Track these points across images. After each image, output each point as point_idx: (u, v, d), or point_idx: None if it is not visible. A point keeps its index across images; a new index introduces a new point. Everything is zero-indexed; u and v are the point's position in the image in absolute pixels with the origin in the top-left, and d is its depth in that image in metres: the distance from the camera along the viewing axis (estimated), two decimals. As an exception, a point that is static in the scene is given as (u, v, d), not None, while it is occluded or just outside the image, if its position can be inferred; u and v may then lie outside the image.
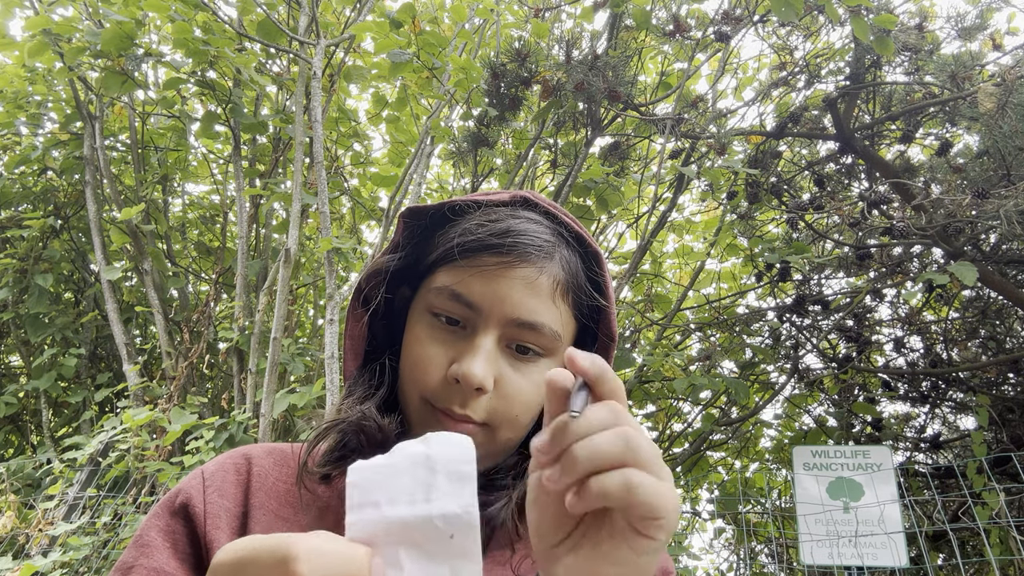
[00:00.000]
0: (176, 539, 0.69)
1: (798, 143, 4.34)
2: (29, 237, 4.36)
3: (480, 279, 0.74)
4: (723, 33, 3.34)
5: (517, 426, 0.76)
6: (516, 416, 0.75)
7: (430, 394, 0.74)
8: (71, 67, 3.73)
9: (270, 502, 0.73)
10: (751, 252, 4.19)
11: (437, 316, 0.76)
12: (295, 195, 3.29)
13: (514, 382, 0.74)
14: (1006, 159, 2.92)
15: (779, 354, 4.23)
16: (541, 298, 0.74)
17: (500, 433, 0.75)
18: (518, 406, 0.75)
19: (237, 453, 0.78)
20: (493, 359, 0.73)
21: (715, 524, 4.53)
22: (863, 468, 2.97)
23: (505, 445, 0.77)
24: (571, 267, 0.79)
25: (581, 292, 0.79)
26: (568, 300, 0.78)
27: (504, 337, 0.74)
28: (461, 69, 3.42)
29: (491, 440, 0.75)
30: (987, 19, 3.51)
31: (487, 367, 0.72)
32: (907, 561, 2.69)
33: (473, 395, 0.72)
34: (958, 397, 4.10)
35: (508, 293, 0.73)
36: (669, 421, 4.80)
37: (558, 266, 0.77)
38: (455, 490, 0.41)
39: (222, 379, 4.23)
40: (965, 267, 2.72)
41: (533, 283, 0.74)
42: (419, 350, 0.76)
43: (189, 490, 0.72)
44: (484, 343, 0.73)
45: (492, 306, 0.73)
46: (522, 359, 0.75)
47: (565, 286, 0.77)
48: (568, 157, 4.00)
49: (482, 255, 0.75)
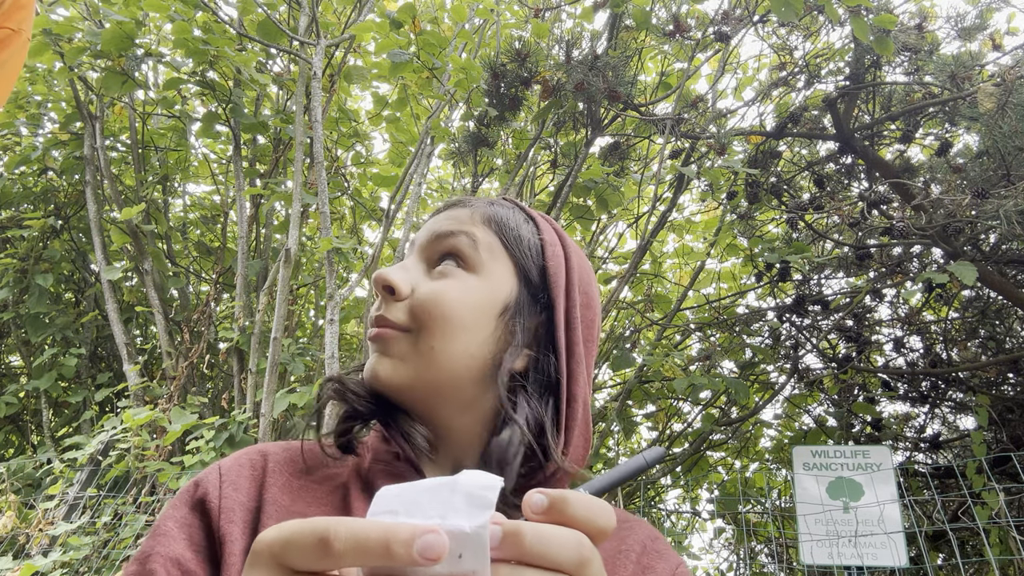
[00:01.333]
0: (192, 532, 0.69)
1: (798, 143, 4.34)
2: (29, 237, 4.37)
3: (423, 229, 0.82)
4: (723, 33, 3.34)
5: (442, 331, 0.73)
6: (433, 317, 0.73)
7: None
8: (71, 67, 3.73)
9: (283, 497, 0.73)
10: (751, 252, 4.19)
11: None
12: (295, 195, 3.29)
13: (429, 284, 0.76)
14: (1006, 159, 2.92)
15: (779, 354, 4.23)
16: (459, 220, 0.79)
17: (423, 338, 0.73)
18: (436, 307, 0.73)
19: (254, 449, 0.79)
20: (410, 268, 0.78)
21: (715, 524, 4.54)
22: (863, 468, 2.97)
23: (432, 357, 0.73)
24: (501, 211, 0.81)
25: (508, 229, 0.79)
26: (491, 227, 0.79)
27: (427, 258, 0.79)
28: (461, 69, 3.42)
29: (415, 348, 0.74)
30: (987, 19, 3.51)
31: (400, 272, 0.76)
32: (907, 561, 2.69)
33: (388, 299, 0.76)
34: (958, 397, 4.10)
35: (434, 223, 0.80)
36: (669, 421, 4.80)
37: (487, 206, 0.81)
38: (470, 511, 0.41)
39: (222, 379, 4.24)
40: (965, 267, 2.73)
41: (455, 214, 0.80)
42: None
43: (206, 484, 0.73)
44: (406, 262, 0.79)
45: (420, 235, 0.81)
46: (439, 270, 0.77)
47: (489, 217, 0.79)
48: (568, 157, 4.00)
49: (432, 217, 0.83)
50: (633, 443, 5.35)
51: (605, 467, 4.57)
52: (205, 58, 3.46)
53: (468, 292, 0.76)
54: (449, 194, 5.21)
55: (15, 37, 1.22)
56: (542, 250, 0.81)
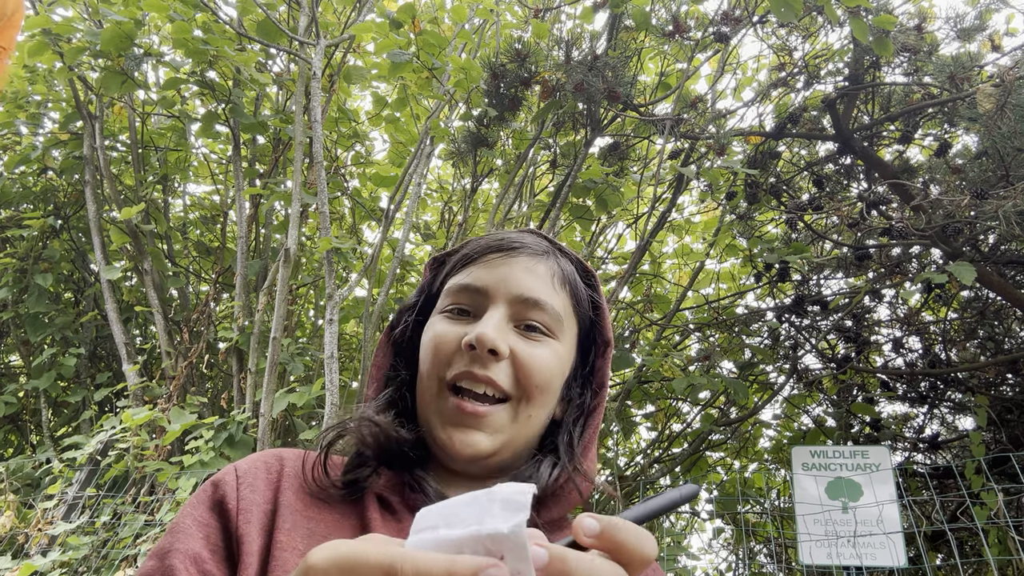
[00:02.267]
0: (209, 532, 0.71)
1: (797, 144, 4.35)
2: (29, 237, 4.37)
3: (484, 269, 0.81)
4: (722, 34, 3.34)
5: (542, 401, 0.79)
6: (538, 386, 0.77)
7: (443, 369, 0.77)
8: (71, 67, 3.73)
9: (297, 502, 0.75)
10: (750, 252, 4.19)
11: (447, 311, 0.82)
12: (295, 195, 3.29)
13: (530, 350, 0.78)
14: (1005, 160, 2.92)
15: (778, 354, 4.24)
16: (541, 280, 0.81)
17: (524, 408, 0.78)
18: (537, 375, 0.77)
19: (271, 453, 0.81)
20: (503, 329, 0.77)
21: (714, 524, 4.54)
22: (862, 468, 2.97)
23: (527, 426, 0.79)
24: (567, 266, 0.86)
25: (578, 286, 0.86)
26: (567, 290, 0.83)
27: (511, 316, 0.79)
28: (461, 69, 3.42)
29: (515, 417, 0.77)
30: (986, 20, 3.51)
31: (498, 331, 0.76)
32: (905, 561, 2.69)
33: (489, 359, 0.75)
34: (957, 397, 4.10)
35: (510, 274, 0.80)
36: (668, 421, 4.80)
37: (554, 261, 0.84)
38: (506, 514, 0.43)
39: (222, 379, 4.24)
40: (964, 267, 2.73)
41: (533, 268, 0.81)
42: (430, 335, 0.81)
43: (224, 486, 0.75)
44: (493, 315, 0.77)
45: (497, 286, 0.80)
46: (530, 336, 0.79)
47: (563, 277, 0.84)
48: (568, 157, 4.00)
49: (485, 254, 0.83)
50: (632, 443, 5.35)
51: (604, 468, 4.58)
52: (205, 58, 3.46)
53: (558, 362, 0.81)
54: (448, 194, 5.21)
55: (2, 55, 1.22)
56: (593, 302, 0.88)
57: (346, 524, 0.75)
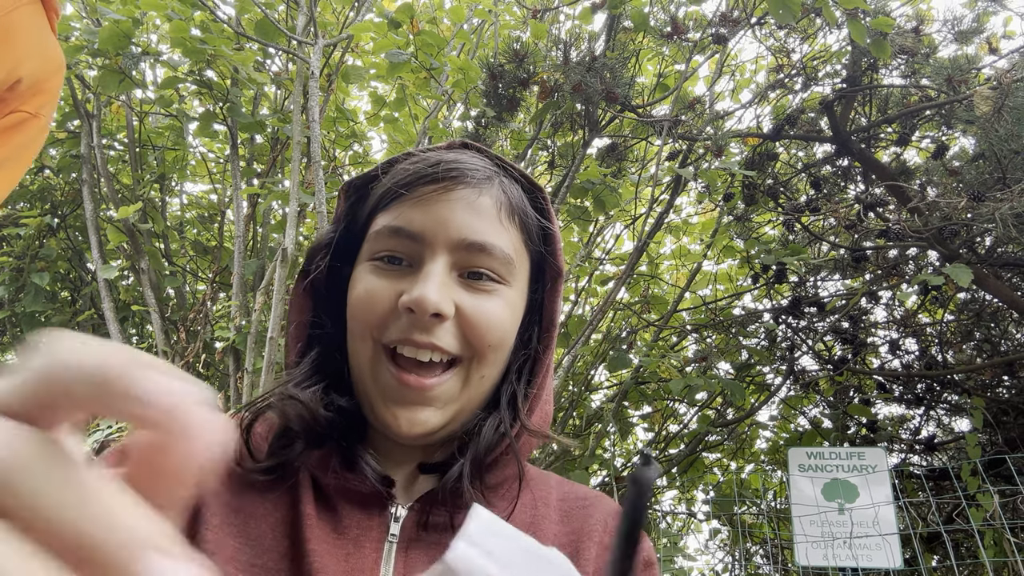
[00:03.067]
0: None
1: (795, 145, 4.35)
2: (26, 235, 4.36)
3: (418, 208, 0.69)
4: (720, 35, 3.34)
5: (495, 359, 0.71)
6: (490, 345, 0.69)
7: (379, 331, 0.68)
8: (68, 65, 3.72)
9: (224, 491, 0.68)
10: (748, 254, 4.20)
11: (378, 258, 0.70)
12: (292, 195, 3.29)
13: (478, 305, 0.68)
14: (1001, 162, 2.93)
15: (775, 356, 4.24)
16: (486, 218, 0.70)
17: (475, 370, 0.69)
18: (489, 333, 0.68)
19: None
20: (446, 284, 0.67)
21: (710, 525, 4.54)
22: (858, 470, 2.98)
23: (479, 388, 0.71)
24: (514, 192, 0.74)
25: (528, 216, 0.75)
26: (516, 223, 0.73)
27: (454, 265, 0.69)
28: (459, 70, 3.42)
29: (467, 382, 0.69)
30: (983, 23, 3.52)
31: (440, 290, 0.65)
32: (901, 563, 2.70)
33: (432, 322, 0.65)
34: (953, 399, 4.11)
35: (450, 215, 0.68)
36: (665, 422, 4.81)
37: (499, 189, 0.72)
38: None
39: (218, 378, 4.23)
40: (960, 269, 2.74)
41: (474, 203, 0.69)
42: (360, 289, 0.70)
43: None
44: (433, 269, 0.67)
45: (435, 231, 0.68)
46: (477, 285, 0.69)
47: (510, 207, 0.72)
48: (566, 158, 4.01)
49: (416, 186, 0.70)
50: (629, 444, 5.35)
51: (601, 468, 4.58)
52: (203, 57, 3.45)
53: (511, 313, 0.72)
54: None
55: (31, 122, 1.09)
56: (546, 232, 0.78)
57: (279, 519, 0.67)
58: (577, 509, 0.78)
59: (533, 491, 0.77)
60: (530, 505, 0.76)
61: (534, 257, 0.76)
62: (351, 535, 0.67)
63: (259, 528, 0.67)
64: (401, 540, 0.68)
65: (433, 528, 0.70)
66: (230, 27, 3.58)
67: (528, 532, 0.71)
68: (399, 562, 0.67)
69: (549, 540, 0.73)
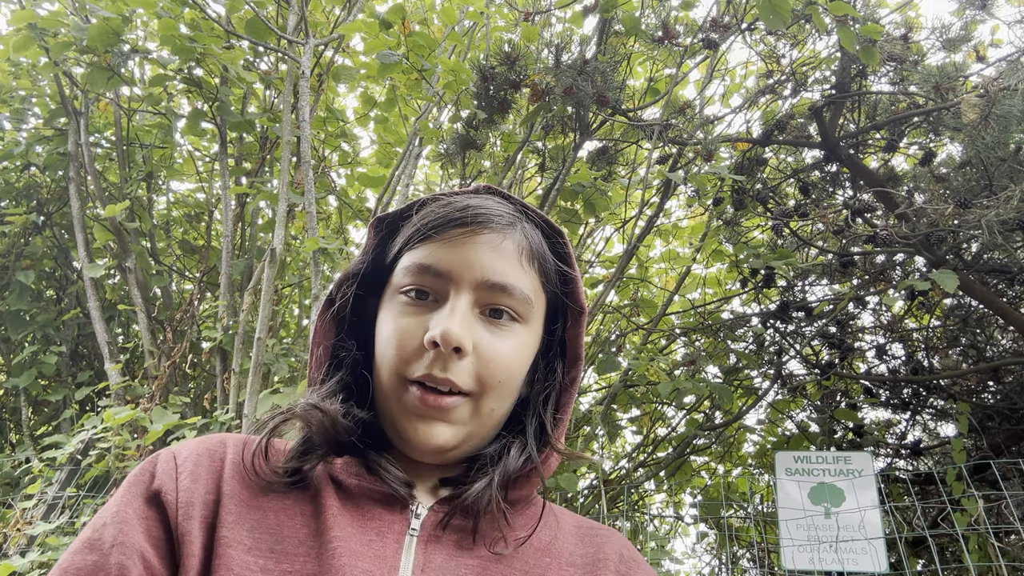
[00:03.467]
0: (149, 525, 0.66)
1: (784, 150, 4.37)
2: (11, 233, 4.32)
3: (445, 248, 0.75)
4: (711, 40, 3.35)
5: (502, 394, 0.75)
6: (500, 382, 0.74)
7: (405, 367, 0.73)
8: (56, 62, 3.69)
9: (243, 491, 0.70)
10: (736, 258, 4.21)
11: (406, 294, 0.76)
12: (281, 194, 3.27)
13: (493, 345, 0.74)
14: (988, 169, 2.95)
15: (763, 359, 4.26)
16: (508, 261, 0.75)
17: (485, 402, 0.74)
18: (501, 371, 0.74)
19: (215, 439, 0.75)
20: (469, 321, 0.72)
21: (698, 528, 4.55)
22: (844, 474, 2.99)
23: (490, 419, 0.76)
24: (534, 237, 0.80)
25: (547, 260, 0.80)
26: (535, 267, 0.78)
27: (476, 302, 0.74)
28: (450, 71, 3.42)
29: (476, 411, 0.74)
30: (971, 31, 3.55)
31: (463, 326, 0.71)
32: (887, 567, 2.71)
33: (452, 357, 0.71)
34: (939, 404, 4.14)
35: (475, 257, 0.74)
36: (653, 425, 4.81)
37: (521, 235, 0.78)
38: None
39: (205, 379, 4.20)
40: (947, 275, 2.75)
41: (498, 247, 0.75)
42: (391, 327, 0.75)
43: (162, 476, 0.69)
44: (458, 305, 0.73)
45: (461, 271, 0.74)
46: (497, 324, 0.75)
47: (530, 252, 0.78)
48: (556, 161, 4.01)
49: (445, 228, 0.76)
50: (617, 447, 5.35)
51: (589, 471, 4.58)
52: (192, 55, 3.43)
53: (523, 352, 0.77)
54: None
55: None
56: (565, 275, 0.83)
57: (297, 511, 0.70)
58: (592, 536, 0.84)
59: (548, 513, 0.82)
60: (552, 525, 0.81)
61: (550, 297, 0.82)
62: (373, 526, 0.70)
63: (278, 519, 0.69)
64: (421, 535, 0.72)
65: (454, 529, 0.73)
66: (220, 25, 3.56)
67: (547, 549, 0.75)
68: (419, 554, 0.70)
69: (565, 559, 0.78)
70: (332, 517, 0.69)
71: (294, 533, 0.68)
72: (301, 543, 0.67)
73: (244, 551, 0.64)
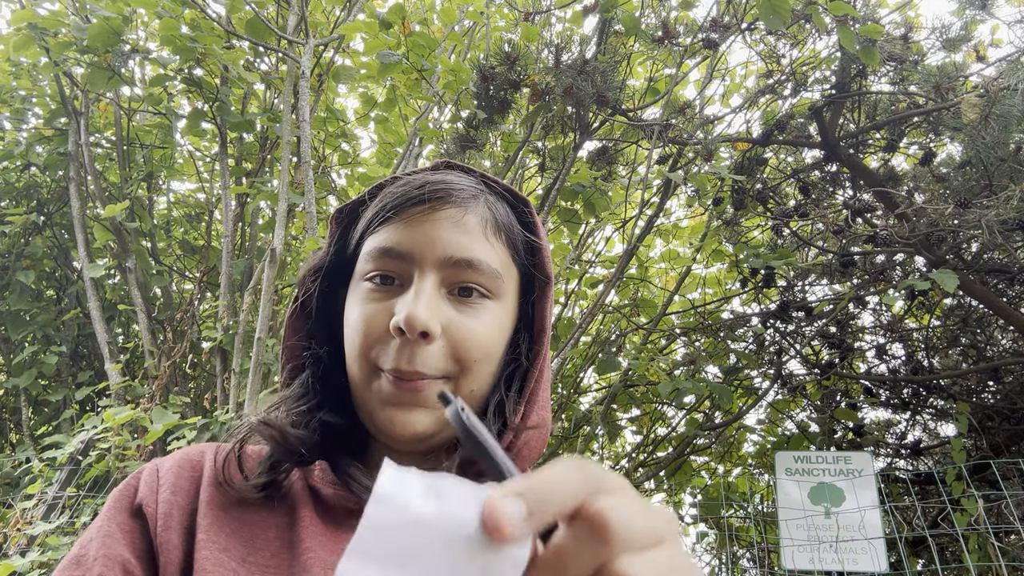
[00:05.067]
0: (133, 537, 0.68)
1: (784, 150, 4.37)
2: (11, 233, 4.32)
3: (406, 228, 0.72)
4: (711, 40, 3.36)
5: (480, 375, 0.72)
6: (476, 361, 0.71)
7: (374, 355, 0.70)
8: (57, 62, 3.69)
9: (219, 496, 0.71)
10: (736, 258, 4.21)
11: (370, 279, 0.73)
12: (281, 194, 3.27)
13: (465, 323, 0.70)
14: (988, 169, 2.95)
15: (763, 359, 4.26)
16: (472, 235, 0.72)
17: (464, 384, 0.71)
18: (475, 350, 0.70)
19: (195, 449, 0.76)
20: (435, 302, 0.69)
21: (698, 528, 4.54)
22: (844, 474, 2.99)
23: (470, 400, 0.72)
24: (499, 208, 0.76)
25: (514, 231, 0.77)
26: (502, 238, 0.75)
27: (443, 281, 0.71)
28: (450, 71, 3.42)
29: (455, 392, 0.70)
30: (971, 31, 3.55)
31: (429, 309, 0.67)
32: (887, 566, 2.71)
33: (420, 343, 0.68)
34: (939, 404, 4.14)
35: (437, 234, 0.71)
36: (653, 425, 4.81)
37: (484, 207, 0.75)
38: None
39: (205, 379, 4.20)
40: (946, 275, 2.75)
41: (460, 221, 0.72)
42: (356, 315, 0.72)
43: (144, 489, 0.71)
44: (422, 287, 0.69)
45: (423, 250, 0.70)
46: (467, 301, 0.71)
47: (495, 224, 0.75)
48: (556, 161, 4.01)
49: (403, 208, 0.72)
50: (617, 447, 5.35)
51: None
52: (193, 55, 3.43)
53: (499, 328, 0.74)
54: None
55: None
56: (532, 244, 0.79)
57: (272, 523, 0.70)
58: None
59: None
60: None
61: (522, 270, 0.78)
62: (346, 537, 0.69)
63: (252, 531, 0.69)
64: None
65: None
66: (220, 25, 3.56)
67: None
68: None
69: None
70: (305, 528, 0.68)
71: (267, 545, 0.68)
72: (274, 555, 0.67)
73: (219, 550, 0.65)
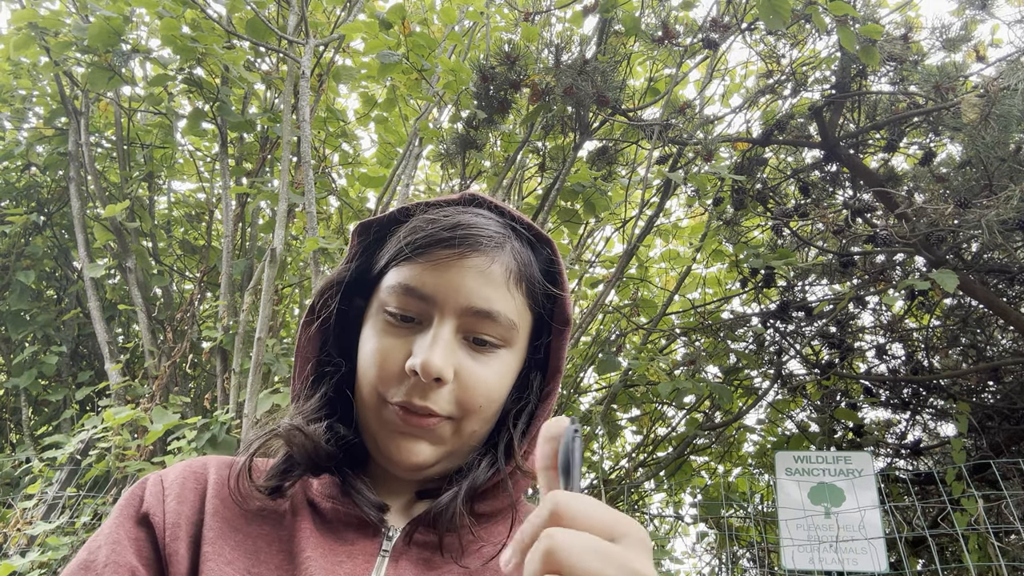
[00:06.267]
0: (140, 545, 0.69)
1: (784, 150, 4.37)
2: (11, 233, 4.32)
3: (432, 271, 0.74)
4: (711, 40, 3.36)
5: (484, 417, 0.75)
6: (480, 407, 0.74)
7: (385, 389, 0.73)
8: (57, 62, 3.69)
9: (224, 509, 0.73)
10: (736, 258, 4.21)
11: (391, 314, 0.75)
12: (282, 194, 3.27)
13: (475, 372, 0.73)
14: (988, 169, 2.95)
15: (763, 359, 4.26)
16: (495, 286, 0.74)
17: (466, 425, 0.74)
18: (481, 396, 0.74)
19: (198, 461, 0.78)
20: (451, 349, 0.72)
21: (698, 528, 4.55)
22: (844, 474, 2.99)
23: (470, 440, 0.76)
24: (523, 257, 0.78)
25: (534, 281, 0.79)
26: (522, 289, 0.77)
27: (461, 328, 0.73)
28: (450, 71, 3.42)
29: (457, 434, 0.74)
30: (971, 31, 3.55)
31: (445, 356, 0.71)
32: (887, 566, 2.71)
33: (432, 386, 0.71)
34: (938, 404, 4.14)
35: (461, 282, 0.73)
36: (653, 425, 4.81)
37: (509, 255, 0.76)
38: None
39: (205, 379, 4.20)
40: (946, 275, 2.75)
41: (486, 271, 0.74)
42: (373, 347, 0.75)
43: (150, 499, 0.73)
44: (441, 333, 0.72)
45: (446, 296, 0.73)
46: (480, 350, 0.74)
47: (518, 275, 0.77)
48: (556, 161, 4.01)
49: (433, 249, 0.74)
50: (617, 447, 5.36)
51: (588, 470, 4.58)
52: (193, 55, 3.43)
53: (507, 373, 0.77)
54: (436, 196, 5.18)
55: None
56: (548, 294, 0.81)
57: (275, 537, 0.73)
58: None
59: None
60: None
61: (536, 315, 0.81)
62: (344, 549, 0.72)
63: (256, 544, 0.71)
64: (393, 555, 0.73)
65: (421, 545, 0.75)
66: (221, 25, 3.56)
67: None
68: (389, 570, 0.72)
69: None
70: (305, 539, 0.71)
71: (270, 558, 0.71)
72: (277, 567, 0.70)
73: (224, 563, 0.68)
